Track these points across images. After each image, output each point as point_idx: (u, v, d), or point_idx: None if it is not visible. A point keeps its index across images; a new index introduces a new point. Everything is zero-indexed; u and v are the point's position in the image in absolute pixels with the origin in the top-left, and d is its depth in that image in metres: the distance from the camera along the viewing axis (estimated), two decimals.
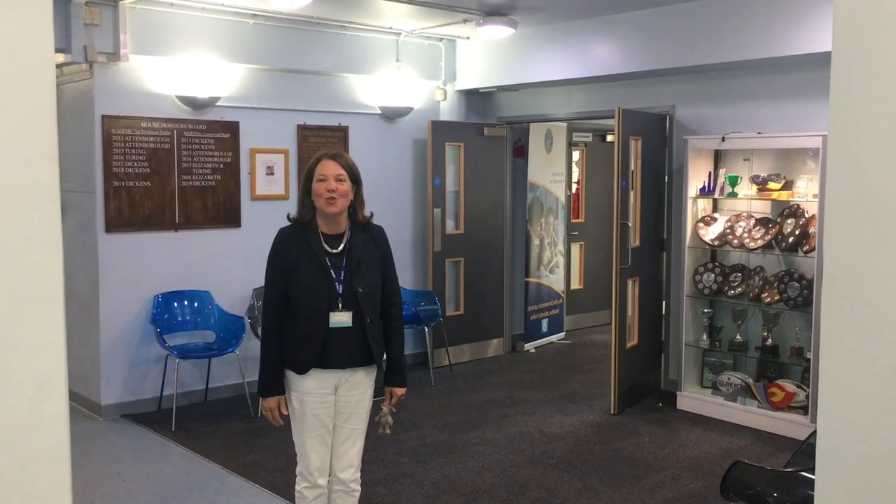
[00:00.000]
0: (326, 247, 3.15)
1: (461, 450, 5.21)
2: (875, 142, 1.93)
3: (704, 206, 6.09)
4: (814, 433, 2.08)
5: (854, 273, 1.97)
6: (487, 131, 7.51)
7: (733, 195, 5.81)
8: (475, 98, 7.69)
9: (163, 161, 5.93)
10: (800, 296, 5.46)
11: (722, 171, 5.92)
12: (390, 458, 5.03)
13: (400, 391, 3.39)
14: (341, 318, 3.12)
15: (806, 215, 5.51)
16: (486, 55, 7.25)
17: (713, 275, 5.97)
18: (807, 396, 5.40)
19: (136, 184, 5.83)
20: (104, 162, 5.69)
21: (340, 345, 3.15)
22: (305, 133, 6.62)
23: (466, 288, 7.46)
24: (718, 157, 6.07)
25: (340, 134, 6.82)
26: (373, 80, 6.94)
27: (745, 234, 5.75)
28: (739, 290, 5.82)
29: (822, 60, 5.08)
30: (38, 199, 1.05)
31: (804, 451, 3.35)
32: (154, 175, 5.90)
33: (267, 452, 5.12)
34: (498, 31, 6.32)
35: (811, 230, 5.42)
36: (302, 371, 3.15)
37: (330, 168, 3.13)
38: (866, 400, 1.94)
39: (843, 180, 2.00)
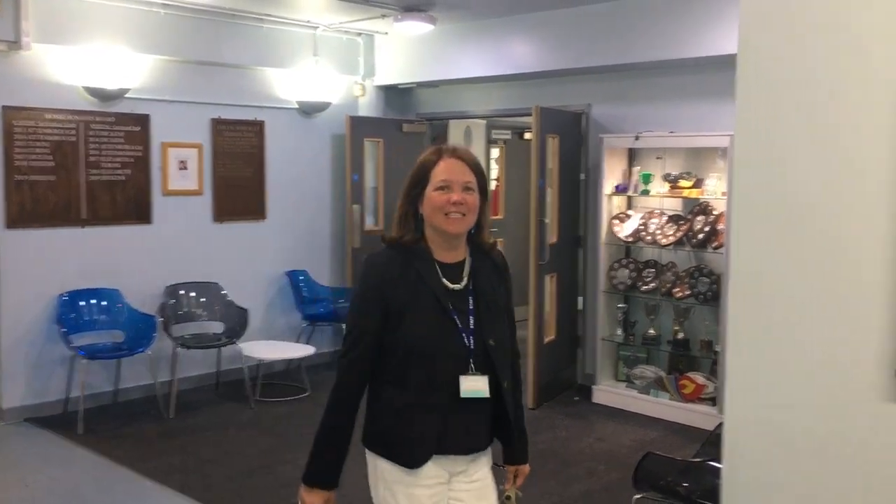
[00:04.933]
0: (446, 282, 2.26)
1: None
2: (778, 142, 2.00)
3: (619, 203, 6.21)
4: (721, 424, 2.14)
5: (759, 268, 2.04)
6: (406, 127, 7.48)
7: (646, 193, 5.95)
8: (394, 94, 7.66)
9: (68, 154, 5.69)
10: (709, 290, 5.63)
11: (636, 169, 6.06)
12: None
13: (527, 468, 2.54)
14: (476, 386, 2.23)
15: (715, 212, 5.68)
16: (404, 51, 7.22)
17: (627, 270, 6.10)
18: (716, 388, 5.58)
19: (40, 178, 5.58)
20: (5, 155, 5.43)
21: (466, 423, 2.26)
22: (220, 127, 6.47)
23: None
24: (633, 156, 6.21)
25: (256, 128, 6.69)
26: (290, 74, 6.82)
27: (658, 231, 5.90)
28: (652, 285, 5.97)
29: (731, 62, 5.23)
30: None
31: (712, 442, 3.45)
32: (60, 169, 5.66)
33: (180, 454, 4.98)
34: (416, 27, 6.31)
35: (720, 227, 5.60)
36: (415, 463, 2.22)
37: (456, 171, 2.25)
38: (771, 390, 2.01)
39: (748, 178, 2.06)
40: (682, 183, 5.79)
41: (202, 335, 6.21)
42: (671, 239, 5.79)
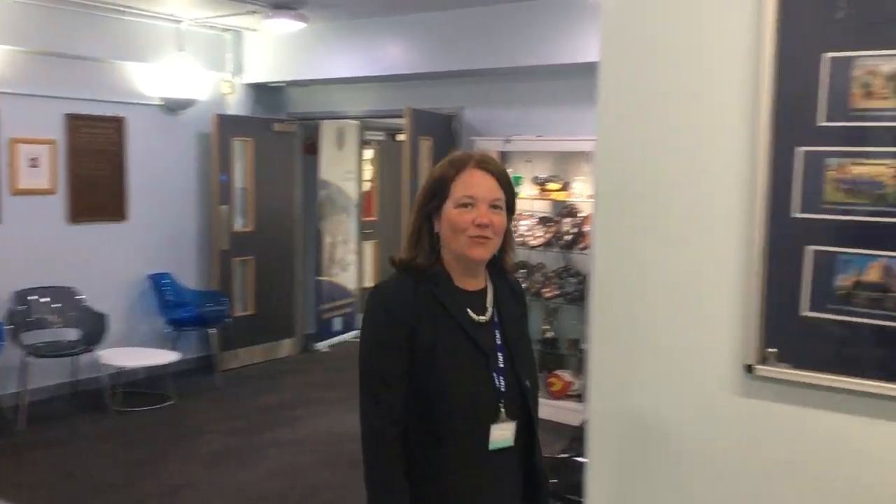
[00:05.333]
0: (471, 314, 1.89)
1: (251, 455, 5.04)
2: (637, 150, 2.07)
3: None
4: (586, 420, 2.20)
5: (620, 269, 2.10)
6: (277, 127, 7.33)
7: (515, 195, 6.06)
8: (264, 92, 7.48)
9: None
10: (576, 290, 5.81)
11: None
12: (173, 469, 4.77)
13: None
14: (504, 434, 1.87)
15: (581, 215, 5.87)
16: (275, 49, 7.07)
17: None
18: (582, 385, 5.75)
19: None
20: None
21: (505, 478, 1.92)
22: (76, 123, 6.12)
23: (257, 287, 7.25)
24: (504, 158, 6.31)
25: (116, 125, 6.37)
26: (153, 69, 6.54)
27: (528, 233, 6.03)
28: (524, 285, 6.08)
29: (595, 69, 5.41)
30: None
31: (578, 438, 3.55)
32: None
33: (31, 470, 4.67)
34: (287, 25, 6.19)
35: (586, 229, 5.79)
36: None
37: (482, 186, 1.87)
38: (631, 387, 2.08)
39: (609, 183, 2.13)
40: (551, 186, 5.94)
41: (56, 343, 5.85)
42: (540, 240, 5.93)
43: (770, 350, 1.88)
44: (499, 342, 1.89)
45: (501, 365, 1.87)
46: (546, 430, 6.13)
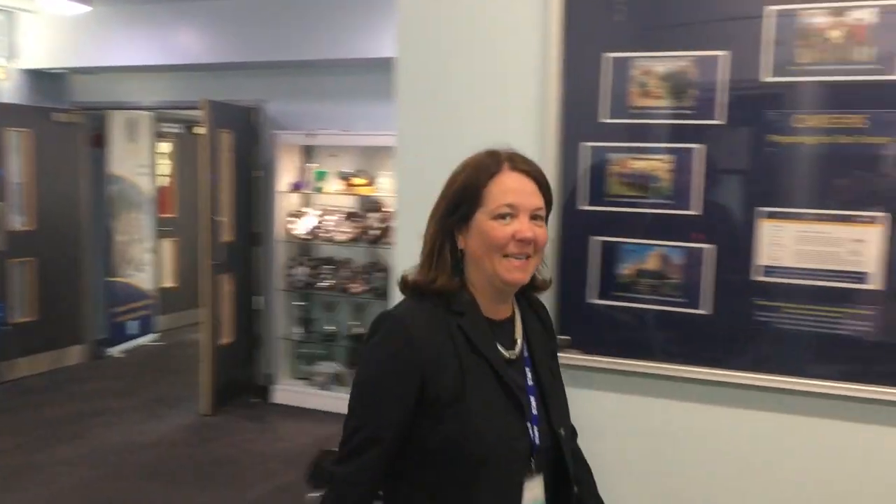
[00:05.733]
0: (501, 349, 1.56)
1: (33, 474, 4.62)
2: (435, 146, 2.09)
3: (296, 200, 6.18)
4: None
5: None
6: (59, 117, 6.76)
7: (319, 190, 6.00)
8: (43, 79, 6.88)
9: None
10: (383, 285, 5.82)
11: (310, 167, 6.07)
12: None
13: None
14: (534, 494, 1.55)
15: (387, 209, 5.89)
16: (55, 32, 6.51)
17: (305, 268, 6.10)
18: None
19: None
20: None
21: None
22: None
23: (40, 290, 6.66)
24: (309, 153, 6.21)
25: None
26: None
27: (335, 228, 5.97)
28: (330, 282, 6.02)
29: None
30: None
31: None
32: None
33: None
34: (68, 7, 5.71)
35: (392, 224, 5.81)
36: None
37: (523, 192, 1.53)
38: None
39: (408, 179, 2.13)
40: (356, 181, 5.91)
41: None
42: (348, 235, 5.89)
43: (563, 337, 1.95)
44: (530, 383, 1.57)
45: (535, 412, 1.55)
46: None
